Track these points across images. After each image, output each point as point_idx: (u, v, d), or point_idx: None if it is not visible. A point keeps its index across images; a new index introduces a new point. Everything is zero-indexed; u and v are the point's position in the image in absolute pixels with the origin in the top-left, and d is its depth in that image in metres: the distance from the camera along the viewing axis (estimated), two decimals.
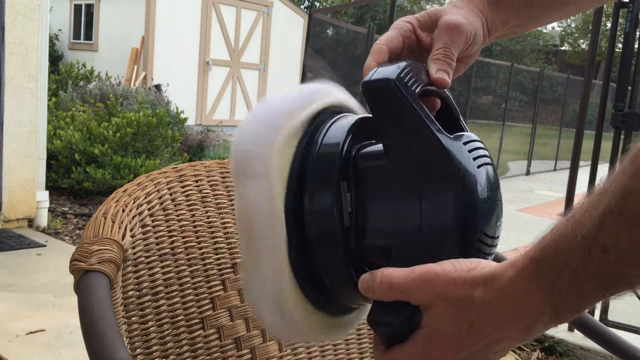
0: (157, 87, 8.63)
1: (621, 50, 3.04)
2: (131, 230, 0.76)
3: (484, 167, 0.52)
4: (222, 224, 0.87)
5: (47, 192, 4.33)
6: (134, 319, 0.77)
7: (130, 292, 0.77)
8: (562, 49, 31.50)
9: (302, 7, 19.37)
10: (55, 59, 10.76)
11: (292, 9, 12.15)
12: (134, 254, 0.77)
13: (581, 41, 29.86)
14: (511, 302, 0.44)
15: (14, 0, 3.85)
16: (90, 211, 4.82)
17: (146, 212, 0.80)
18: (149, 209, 0.80)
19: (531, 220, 6.09)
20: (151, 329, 0.78)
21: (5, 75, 3.88)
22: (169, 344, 0.80)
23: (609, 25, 3.10)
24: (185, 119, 6.61)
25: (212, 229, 0.86)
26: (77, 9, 11.30)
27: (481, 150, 0.53)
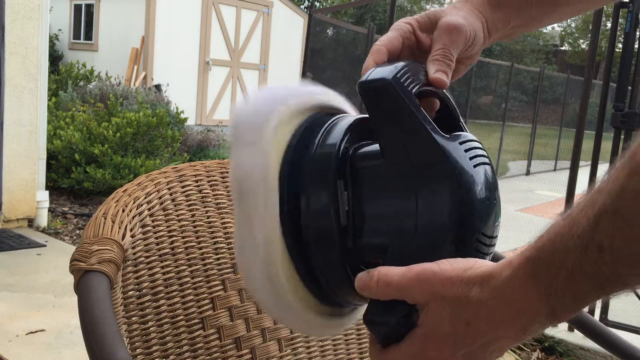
0: (157, 87, 8.63)
1: (621, 50, 3.04)
2: (131, 230, 0.76)
3: (481, 166, 0.52)
4: (222, 224, 0.87)
5: (47, 192, 4.33)
6: (134, 319, 0.77)
7: (130, 292, 0.77)
8: (562, 49, 31.48)
9: (302, 7, 19.36)
10: (55, 59, 10.76)
11: (292, 9, 12.15)
12: (134, 254, 0.77)
13: (581, 41, 29.84)
14: (507, 302, 0.44)
15: (14, 0, 3.85)
16: (90, 211, 4.82)
17: (146, 212, 0.80)
18: (149, 209, 0.80)
19: (531, 220, 6.09)
20: (151, 329, 0.79)
21: (5, 75, 3.88)
22: (169, 344, 0.80)
23: (609, 25, 3.10)
24: (185, 119, 6.61)
25: (212, 229, 0.86)
26: (77, 9, 11.30)
27: (478, 150, 0.53)
